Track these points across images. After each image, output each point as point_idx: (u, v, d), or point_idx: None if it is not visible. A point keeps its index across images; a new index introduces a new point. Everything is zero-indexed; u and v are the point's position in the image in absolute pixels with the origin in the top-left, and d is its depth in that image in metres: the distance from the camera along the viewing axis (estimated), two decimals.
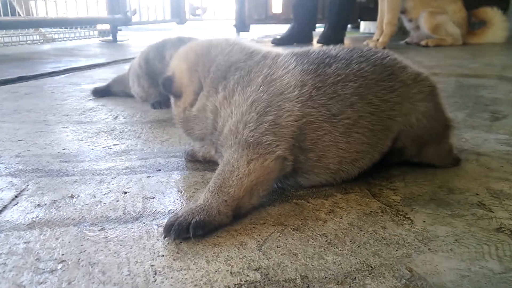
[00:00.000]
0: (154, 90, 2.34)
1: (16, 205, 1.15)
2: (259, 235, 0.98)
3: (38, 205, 1.15)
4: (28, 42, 5.53)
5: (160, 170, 1.39)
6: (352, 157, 1.24)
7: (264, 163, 1.12)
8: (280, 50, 1.38)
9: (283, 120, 1.18)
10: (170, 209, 1.11)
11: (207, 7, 11.25)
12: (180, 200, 1.17)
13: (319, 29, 6.30)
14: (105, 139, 1.74)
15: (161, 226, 1.02)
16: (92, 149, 1.62)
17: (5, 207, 1.14)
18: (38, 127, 1.92)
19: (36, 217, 1.08)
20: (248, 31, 7.54)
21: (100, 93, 2.67)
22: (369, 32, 8.04)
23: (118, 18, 6.31)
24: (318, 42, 5.40)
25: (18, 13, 5.60)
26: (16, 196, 1.21)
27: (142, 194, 1.21)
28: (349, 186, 1.25)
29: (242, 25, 7.39)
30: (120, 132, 1.84)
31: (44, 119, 2.06)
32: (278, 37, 5.84)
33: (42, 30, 6.04)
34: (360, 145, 1.23)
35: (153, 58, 2.32)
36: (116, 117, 2.12)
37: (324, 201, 1.15)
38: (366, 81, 1.26)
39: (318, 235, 0.97)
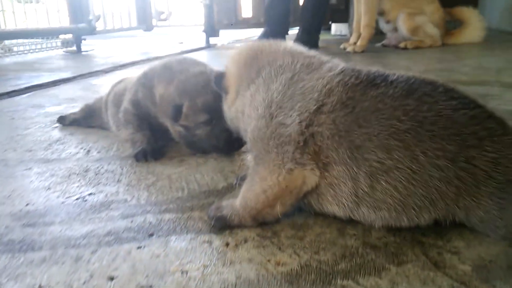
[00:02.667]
0: (141, 135, 1.77)
1: None
2: None
3: None
4: None
5: (152, 235, 1.09)
6: (375, 205, 1.01)
7: (278, 178, 1.04)
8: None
9: (290, 119, 1.05)
10: None
11: (172, 12, 10.84)
12: None
13: (293, 31, 6.08)
14: (77, 186, 1.42)
15: None
16: (63, 202, 1.30)
17: None
18: None
19: None
20: (218, 36, 7.25)
21: (69, 123, 2.23)
22: (340, 34, 7.85)
23: (82, 27, 5.88)
24: None
25: None
26: None
27: (134, 280, 0.91)
28: (398, 247, 0.99)
29: (211, 30, 7.09)
30: (95, 174, 1.53)
31: (2, 158, 1.73)
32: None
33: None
34: (389, 197, 0.98)
35: (144, 98, 1.78)
36: (89, 151, 1.80)
37: (378, 280, 0.88)
38: (419, 129, 0.96)
39: None
